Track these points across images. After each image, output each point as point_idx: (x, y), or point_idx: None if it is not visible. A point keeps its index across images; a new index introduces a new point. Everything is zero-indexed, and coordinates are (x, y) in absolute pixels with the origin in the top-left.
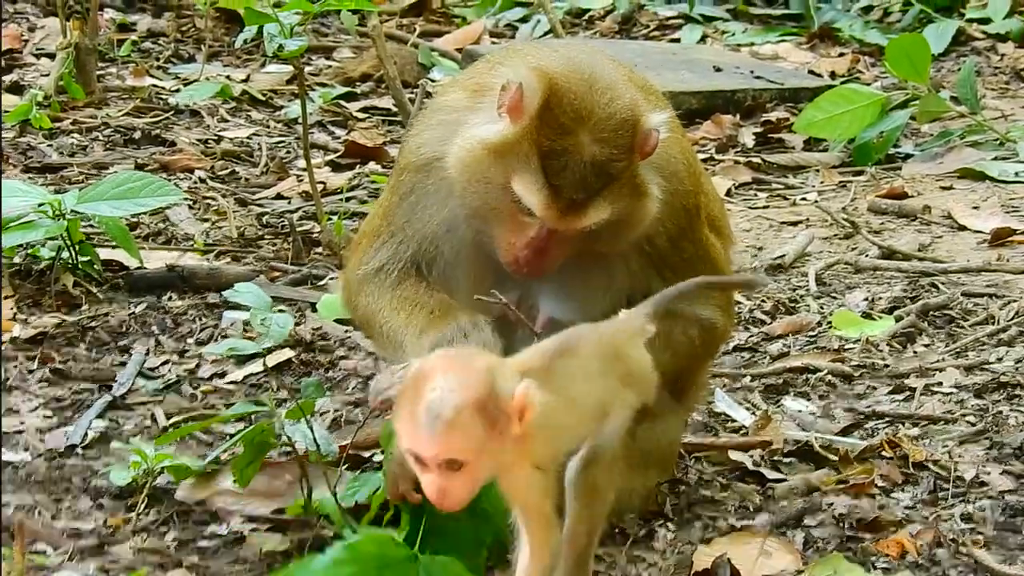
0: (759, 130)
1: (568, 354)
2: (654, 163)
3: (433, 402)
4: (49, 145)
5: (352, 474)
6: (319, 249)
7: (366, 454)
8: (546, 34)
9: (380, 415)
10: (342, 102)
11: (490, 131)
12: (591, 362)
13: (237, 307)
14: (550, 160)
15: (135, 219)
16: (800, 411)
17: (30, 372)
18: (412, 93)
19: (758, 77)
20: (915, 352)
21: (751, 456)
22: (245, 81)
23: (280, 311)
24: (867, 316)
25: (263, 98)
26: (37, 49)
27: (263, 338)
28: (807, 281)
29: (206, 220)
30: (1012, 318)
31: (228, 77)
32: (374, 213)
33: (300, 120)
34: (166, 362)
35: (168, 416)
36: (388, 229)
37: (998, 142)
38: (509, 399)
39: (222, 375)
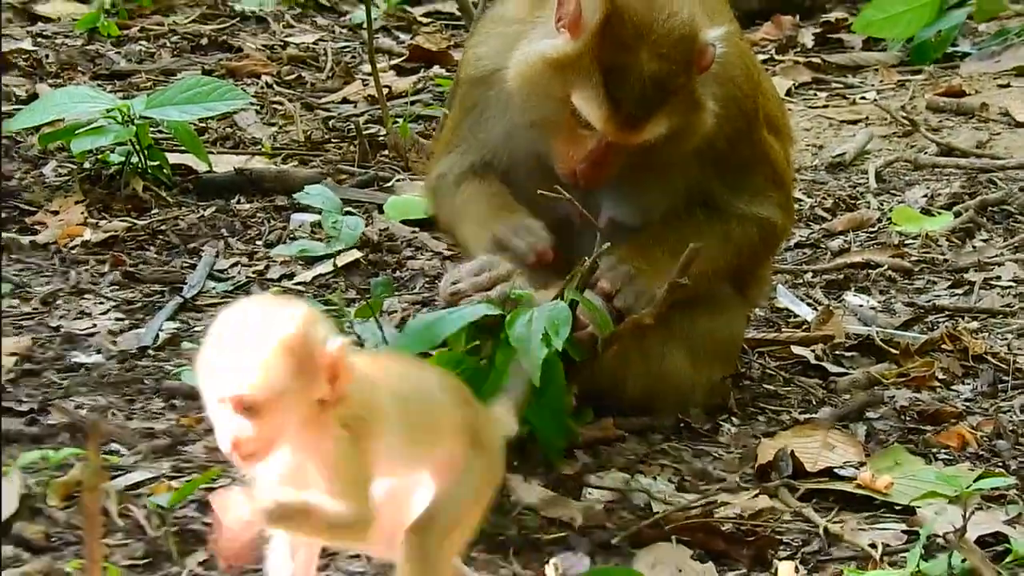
0: (818, 30)
1: (421, 370)
2: (712, 73)
3: (237, 335)
4: (117, 52)
5: None
6: (385, 152)
7: (434, 352)
8: None
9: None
10: (406, 7)
11: (549, 46)
12: (442, 392)
13: (305, 209)
14: (610, 75)
15: (203, 124)
16: (861, 306)
17: (101, 275)
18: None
19: None
20: (974, 247)
21: (813, 351)
22: None
23: (349, 213)
24: (926, 212)
25: (328, 4)
26: None
27: (334, 240)
28: (867, 178)
29: (273, 124)
30: None
31: None
32: (445, 125)
33: (365, 25)
34: (235, 264)
35: None
36: (456, 139)
37: None
38: (322, 352)
39: (291, 276)
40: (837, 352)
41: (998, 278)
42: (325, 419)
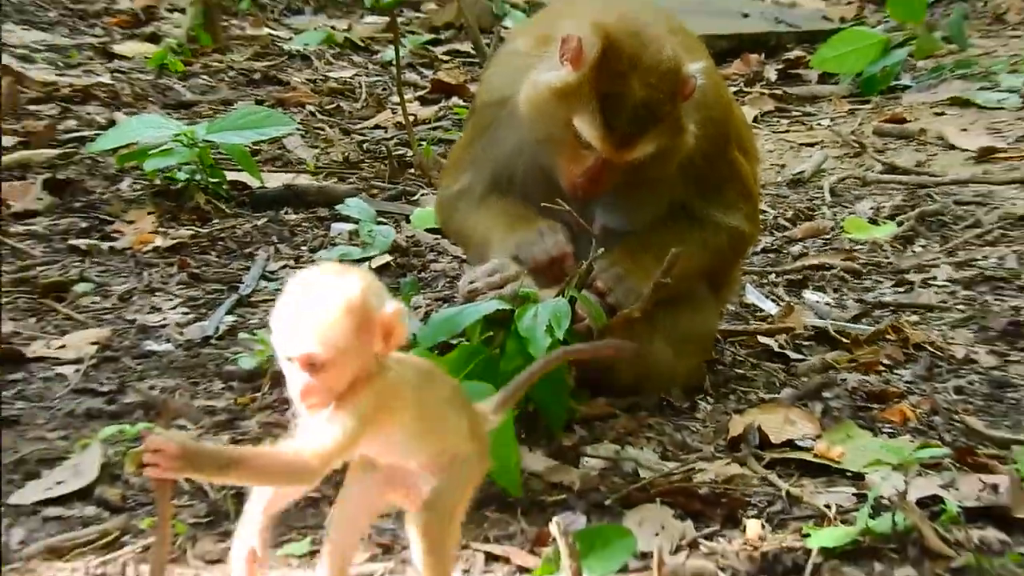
0: (781, 67)
1: (440, 377)
2: (692, 100)
3: (305, 299)
4: (183, 85)
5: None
6: (411, 170)
7: (454, 341)
8: None
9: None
10: (429, 47)
11: (554, 76)
12: (448, 389)
13: (344, 219)
14: (606, 102)
15: (256, 146)
16: (817, 302)
17: (170, 276)
18: (487, 38)
19: (780, 22)
20: (913, 252)
21: (776, 340)
22: (347, 30)
23: (381, 223)
24: (873, 222)
25: (362, 44)
26: (170, 4)
27: (369, 247)
28: (822, 193)
29: (316, 147)
30: (995, 222)
31: (333, 27)
32: (459, 144)
33: (394, 62)
34: (284, 266)
35: None
36: (470, 156)
37: (982, 75)
38: (378, 314)
39: None
40: (797, 341)
41: (934, 278)
42: (374, 375)
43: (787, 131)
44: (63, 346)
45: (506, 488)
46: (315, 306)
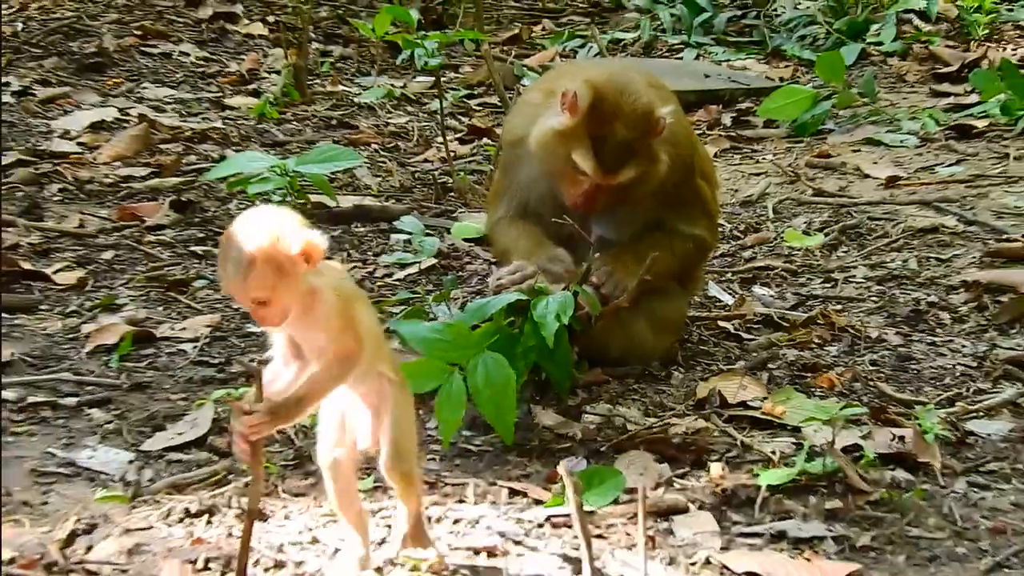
0: (734, 115)
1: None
2: (664, 138)
3: (232, 256)
4: (278, 129)
5: None
6: (451, 194)
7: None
8: (596, 55)
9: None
10: (465, 99)
11: (557, 121)
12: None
13: (400, 231)
14: (596, 141)
15: (333, 175)
16: (764, 295)
17: None
18: (510, 93)
19: (733, 81)
20: (837, 256)
21: (732, 324)
22: (403, 87)
23: (428, 234)
24: (806, 233)
25: (414, 98)
26: (268, 68)
27: (420, 253)
28: (767, 211)
29: (378, 175)
30: (900, 233)
31: (392, 85)
32: (494, 179)
33: (438, 111)
34: (353, 267)
35: None
36: (502, 188)
37: (888, 121)
38: (295, 247)
39: (390, 275)
40: (748, 325)
41: (854, 276)
42: (317, 289)
43: (739, 163)
44: (184, 328)
45: (502, 437)
46: (243, 259)
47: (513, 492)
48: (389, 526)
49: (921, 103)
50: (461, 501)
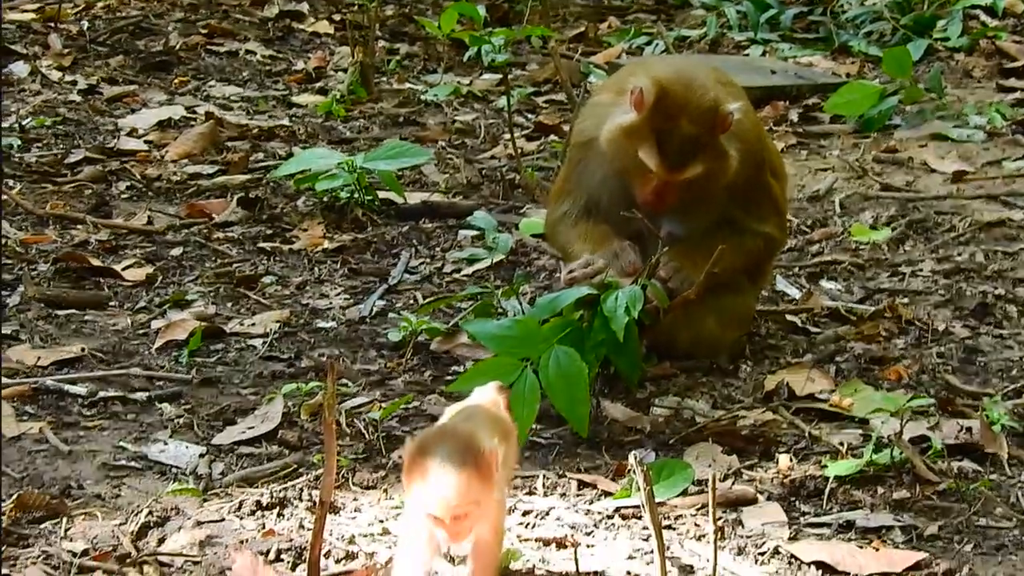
0: (801, 111)
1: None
2: (733, 133)
3: (442, 473)
4: (345, 127)
5: None
6: (519, 189)
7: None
8: (663, 52)
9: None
10: (532, 96)
11: (625, 119)
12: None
13: (468, 227)
14: (661, 137)
15: (401, 172)
16: (831, 288)
17: (335, 270)
18: (576, 90)
19: (800, 77)
20: (904, 250)
21: (800, 317)
22: (469, 84)
23: (498, 231)
24: (873, 228)
25: (481, 95)
26: (335, 66)
27: (494, 251)
28: (834, 205)
29: (446, 172)
30: (967, 227)
31: (459, 82)
32: (558, 177)
33: (505, 109)
34: (422, 263)
35: (424, 297)
36: (567, 187)
37: (955, 116)
38: (490, 455)
39: (458, 271)
40: (815, 319)
41: (921, 270)
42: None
43: (806, 159)
44: (253, 324)
45: (576, 429)
46: (455, 474)
47: (582, 484)
48: None
49: (988, 98)
50: (531, 493)
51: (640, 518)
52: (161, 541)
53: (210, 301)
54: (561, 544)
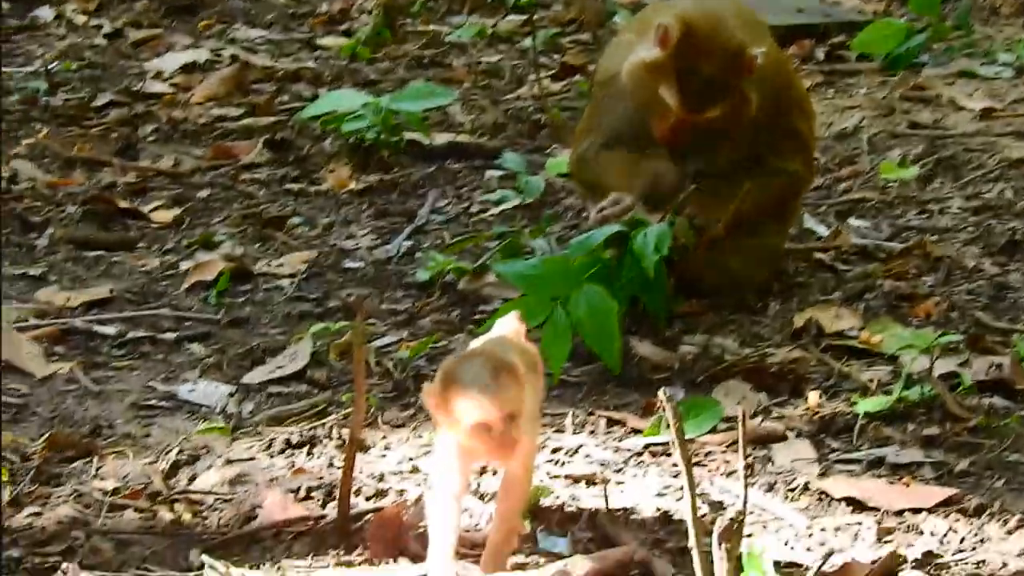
0: (827, 49)
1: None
2: (759, 73)
3: (491, 375)
4: (370, 68)
5: None
6: (544, 129)
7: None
8: None
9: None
10: (557, 37)
11: (648, 55)
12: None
13: (495, 167)
14: (682, 76)
15: (426, 113)
16: (859, 226)
17: (362, 211)
18: (601, 30)
19: (827, 15)
20: (933, 187)
21: (828, 255)
22: (494, 26)
23: (531, 174)
24: (901, 165)
25: (506, 36)
26: (360, 8)
27: (524, 193)
28: (861, 143)
29: (472, 113)
30: (995, 164)
31: (483, 23)
32: (583, 117)
33: (530, 49)
34: (448, 203)
35: (452, 237)
36: (591, 126)
37: (983, 53)
38: (518, 367)
39: (485, 211)
40: (844, 256)
41: (949, 207)
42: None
43: (833, 97)
44: (281, 265)
45: (608, 365)
46: (496, 375)
47: (612, 422)
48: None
49: (1016, 35)
50: (560, 431)
51: (669, 455)
52: (192, 479)
53: (237, 242)
54: (591, 481)
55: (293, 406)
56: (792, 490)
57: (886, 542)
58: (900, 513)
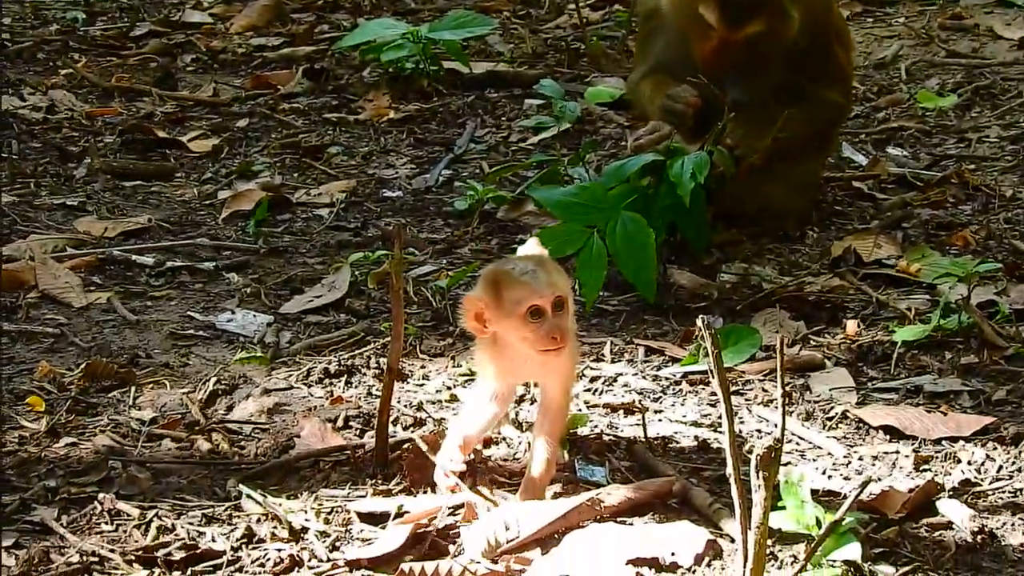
0: None
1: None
2: None
3: (536, 265)
4: None
5: None
6: (584, 59)
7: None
8: None
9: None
10: None
11: None
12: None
13: (533, 96)
14: None
15: (465, 42)
16: (897, 155)
17: (401, 140)
18: None
19: None
20: (971, 116)
21: (866, 184)
22: None
23: (565, 99)
24: (939, 94)
25: None
26: None
27: (561, 120)
28: (900, 72)
29: (511, 43)
30: None
31: None
32: (635, 50)
33: None
34: (488, 132)
35: (490, 166)
36: (641, 55)
37: None
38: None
39: (524, 140)
40: (882, 185)
41: (987, 136)
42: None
43: (872, 27)
44: (320, 194)
45: (643, 295)
46: (545, 261)
47: (650, 351)
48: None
49: None
50: (598, 360)
51: (707, 384)
52: (229, 409)
53: (276, 171)
54: (629, 410)
55: (331, 335)
56: (830, 419)
57: (924, 470)
58: (938, 441)
